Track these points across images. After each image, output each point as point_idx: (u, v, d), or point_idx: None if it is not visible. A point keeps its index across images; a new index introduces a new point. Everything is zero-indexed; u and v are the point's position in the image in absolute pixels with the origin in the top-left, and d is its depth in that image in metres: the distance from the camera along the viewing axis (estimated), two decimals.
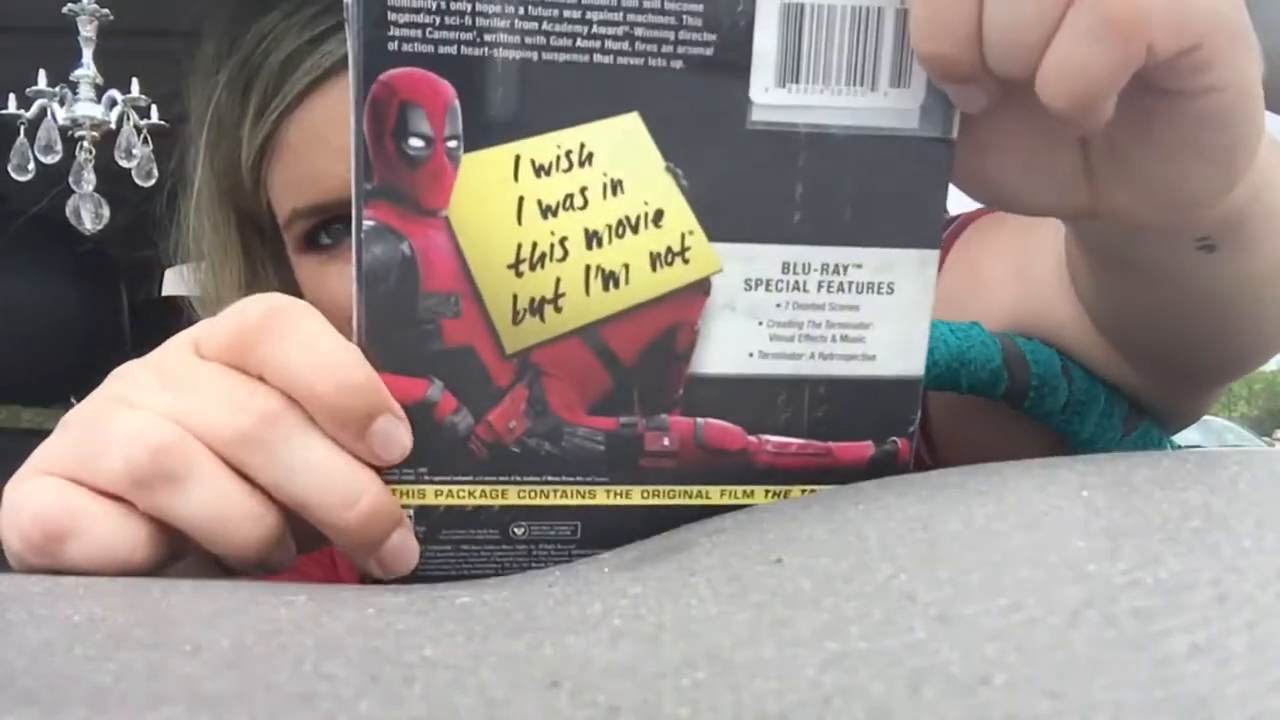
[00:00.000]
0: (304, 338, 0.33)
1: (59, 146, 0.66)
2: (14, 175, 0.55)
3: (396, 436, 0.34)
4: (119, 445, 0.32)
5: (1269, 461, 0.31)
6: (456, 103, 0.33)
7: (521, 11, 0.33)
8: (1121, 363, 0.55)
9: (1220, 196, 0.36)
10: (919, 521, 0.28)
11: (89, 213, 0.56)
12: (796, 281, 0.36)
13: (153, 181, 0.66)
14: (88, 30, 0.54)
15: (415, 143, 0.33)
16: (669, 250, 0.35)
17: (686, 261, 0.35)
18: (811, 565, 0.26)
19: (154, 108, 0.70)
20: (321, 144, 0.59)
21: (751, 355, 0.37)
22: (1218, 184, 0.36)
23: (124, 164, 0.70)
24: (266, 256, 0.66)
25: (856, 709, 0.19)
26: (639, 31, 0.33)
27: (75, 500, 0.32)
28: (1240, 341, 0.51)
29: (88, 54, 0.55)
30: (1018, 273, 0.58)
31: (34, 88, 0.67)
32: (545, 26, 0.33)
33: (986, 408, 0.58)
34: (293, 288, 0.65)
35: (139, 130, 0.68)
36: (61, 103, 0.66)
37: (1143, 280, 0.46)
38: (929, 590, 0.24)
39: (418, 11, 0.32)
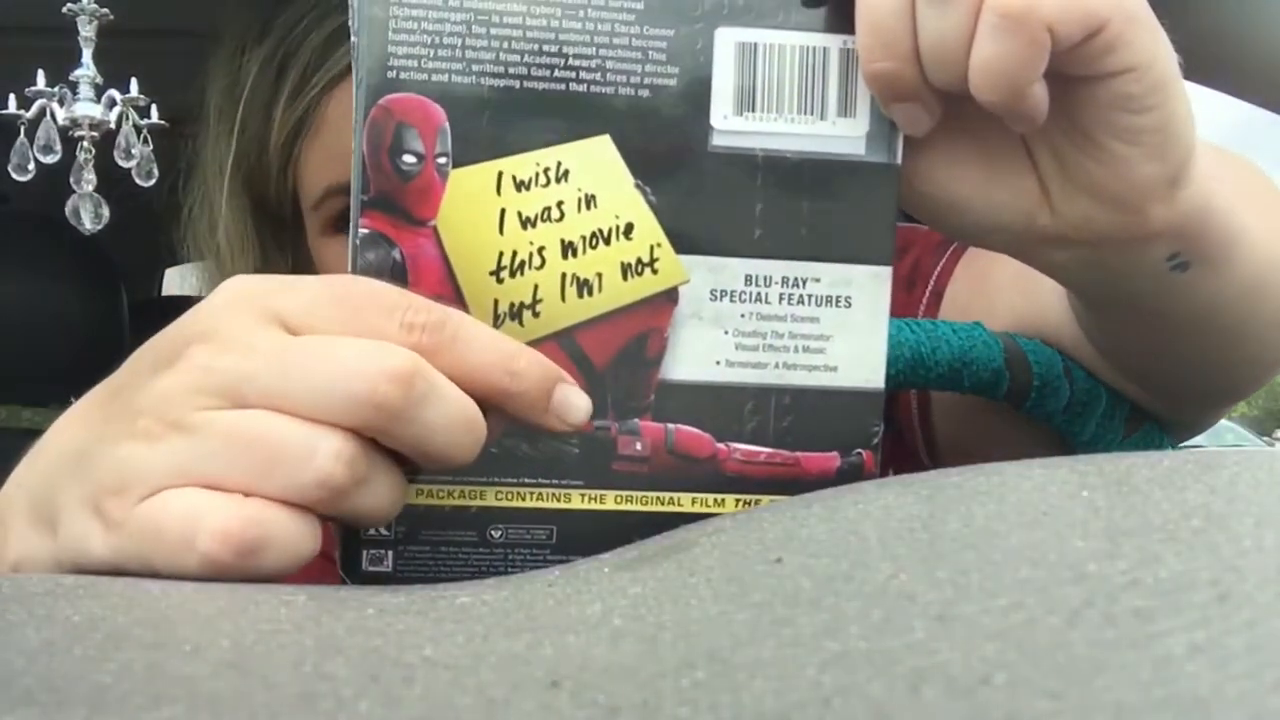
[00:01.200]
0: (462, 339, 0.33)
1: (59, 146, 0.66)
2: (14, 175, 0.55)
3: (574, 401, 0.35)
4: (359, 380, 0.30)
5: (1269, 461, 0.31)
6: (446, 124, 0.36)
7: (505, 46, 0.36)
8: (1124, 381, 0.56)
9: (1166, 187, 0.39)
10: (919, 521, 0.28)
11: (88, 213, 0.56)
12: (759, 293, 0.39)
13: (153, 181, 0.66)
14: (87, 30, 0.54)
15: (408, 159, 0.36)
16: (639, 261, 0.38)
17: (655, 272, 0.38)
18: (811, 565, 0.26)
19: (154, 107, 0.70)
20: None
21: (718, 363, 0.39)
22: (1158, 171, 0.38)
23: (124, 164, 0.70)
24: (285, 244, 0.66)
25: (856, 709, 0.19)
26: (610, 64, 0.37)
27: (255, 512, 0.31)
28: (1231, 363, 0.52)
29: (88, 54, 0.55)
30: (1024, 291, 0.59)
31: (34, 88, 0.67)
32: (526, 59, 0.36)
33: (988, 408, 0.58)
34: (309, 273, 0.64)
35: (139, 130, 0.68)
36: (61, 103, 0.66)
37: (1128, 314, 0.48)
38: (929, 590, 0.24)
39: (414, 45, 0.36)
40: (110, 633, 0.25)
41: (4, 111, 0.55)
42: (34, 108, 0.54)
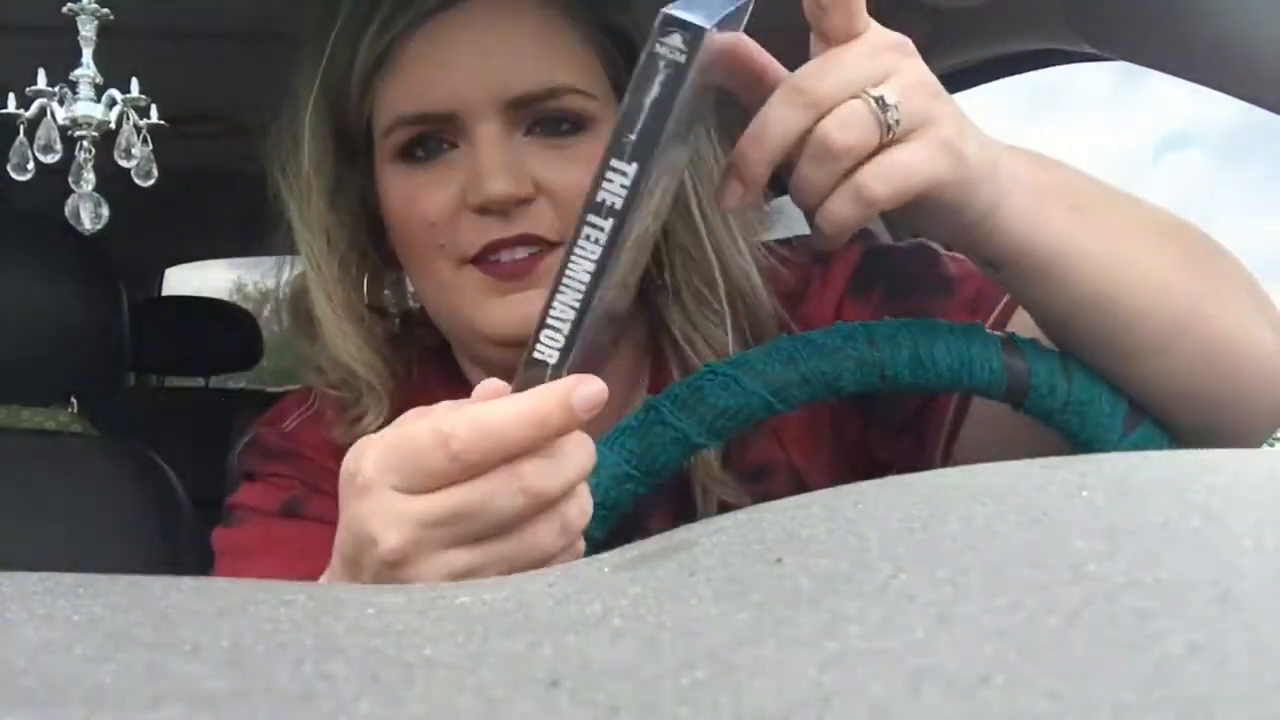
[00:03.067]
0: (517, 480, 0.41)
1: (59, 146, 0.66)
2: (13, 174, 0.55)
3: (588, 394, 0.42)
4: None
5: (1269, 461, 0.31)
6: None
7: None
8: None
9: (947, 175, 0.49)
10: (919, 521, 0.28)
11: (88, 212, 0.56)
12: None
13: (151, 181, 0.66)
14: (87, 30, 0.54)
15: None
16: None
17: None
18: (811, 565, 0.26)
19: (154, 107, 0.70)
20: (439, 60, 0.64)
21: None
22: (942, 164, 0.48)
23: (124, 164, 0.70)
24: (358, 167, 0.71)
25: (856, 709, 0.19)
26: None
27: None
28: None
29: (87, 54, 0.55)
30: None
31: (33, 87, 0.67)
32: None
33: (1027, 422, 0.59)
34: (370, 201, 0.70)
35: (139, 130, 0.68)
36: (61, 102, 0.66)
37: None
38: (929, 590, 0.24)
39: None
40: (110, 633, 0.25)
41: (3, 111, 0.55)
42: (34, 107, 0.54)
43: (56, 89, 0.60)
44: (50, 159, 0.59)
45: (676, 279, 0.71)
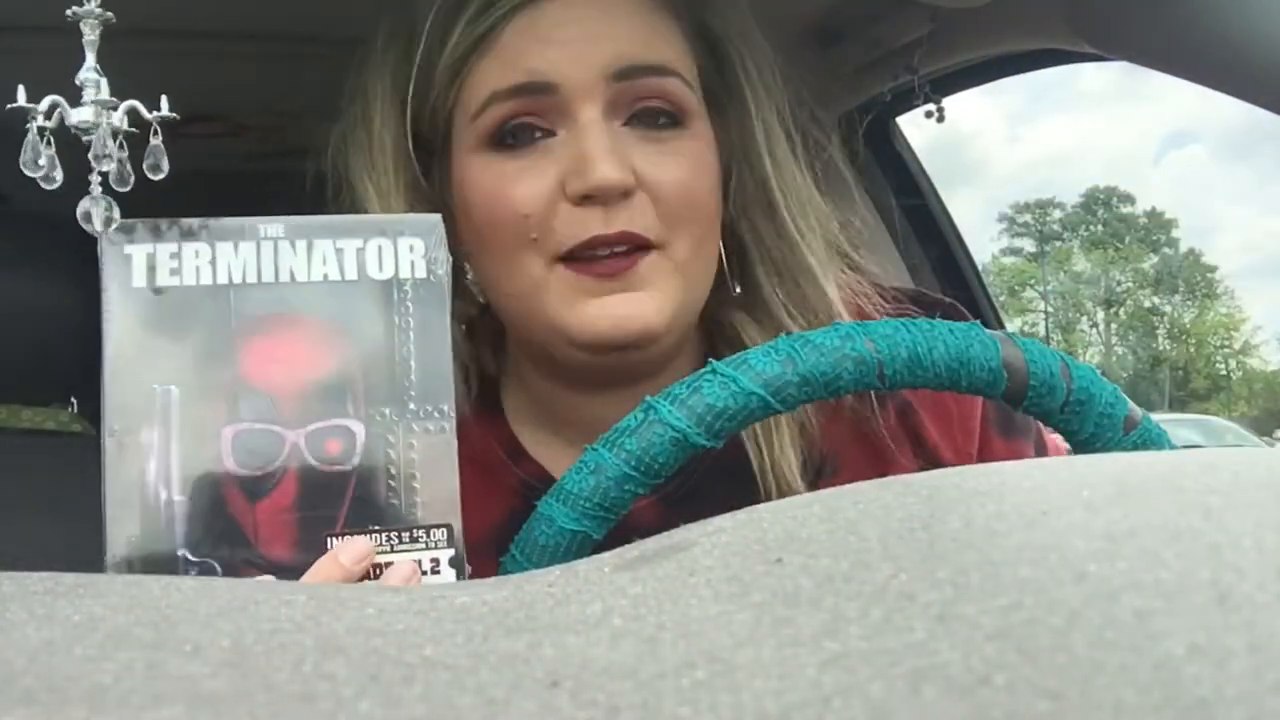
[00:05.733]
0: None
1: (43, 161, 0.65)
2: (26, 171, 0.55)
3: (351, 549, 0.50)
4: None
5: (1269, 461, 0.31)
6: None
7: None
8: None
9: None
10: (919, 521, 0.28)
11: (99, 215, 0.56)
12: None
13: (162, 175, 0.66)
14: (91, 35, 0.54)
15: None
16: None
17: None
18: (811, 565, 0.26)
19: (165, 99, 0.70)
20: (542, 36, 0.63)
21: None
22: None
23: (115, 162, 0.70)
24: (431, 167, 0.70)
25: (856, 709, 0.19)
26: None
27: None
28: None
29: (91, 57, 0.55)
30: None
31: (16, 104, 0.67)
32: None
33: None
34: (449, 198, 0.68)
35: (115, 135, 0.68)
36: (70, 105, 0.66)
37: None
38: (929, 590, 0.24)
39: None
40: (110, 633, 0.25)
41: (15, 105, 0.55)
42: (45, 102, 0.53)
43: (43, 104, 0.60)
44: (45, 165, 0.59)
45: (756, 292, 0.70)
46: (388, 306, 0.50)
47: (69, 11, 0.54)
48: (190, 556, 0.47)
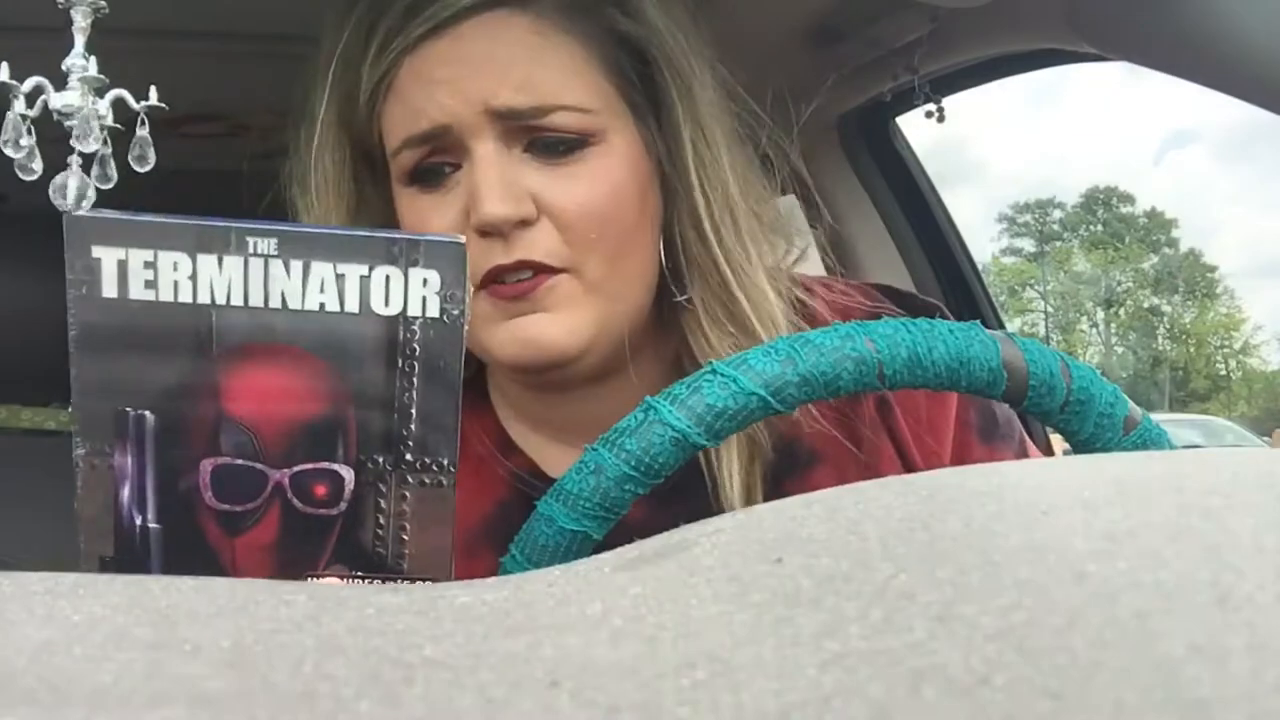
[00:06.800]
0: None
1: (25, 142, 0.65)
2: (6, 151, 0.55)
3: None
4: None
5: (1269, 461, 0.31)
6: None
7: None
8: None
9: None
10: (919, 521, 0.28)
11: (74, 189, 0.56)
12: None
13: (149, 167, 0.66)
14: (82, 22, 0.54)
15: None
16: None
17: None
18: (811, 565, 0.26)
19: (153, 90, 0.70)
20: (431, 79, 0.64)
21: None
22: None
23: (99, 150, 0.69)
24: (376, 186, 0.71)
25: (856, 709, 0.19)
26: None
27: None
28: None
29: (80, 42, 0.55)
30: None
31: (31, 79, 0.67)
32: None
33: None
34: (393, 220, 0.69)
35: (104, 127, 0.68)
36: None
37: None
38: (929, 590, 0.24)
39: None
40: (110, 633, 0.25)
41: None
42: (29, 83, 0.53)
43: (25, 85, 0.59)
44: (19, 154, 0.58)
45: (694, 296, 0.70)
46: (391, 346, 0.44)
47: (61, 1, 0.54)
48: None
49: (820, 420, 0.70)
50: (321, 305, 0.43)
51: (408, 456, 0.44)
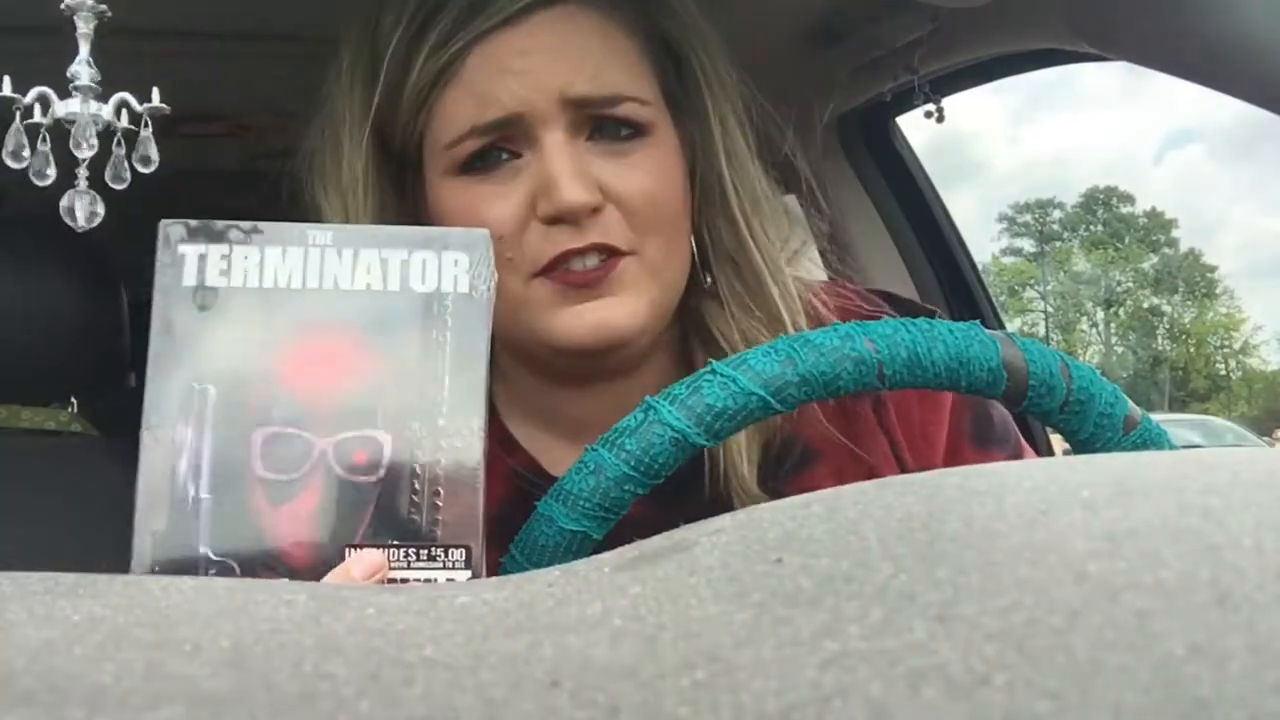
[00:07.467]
0: None
1: (27, 154, 0.65)
2: (8, 162, 0.55)
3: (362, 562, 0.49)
4: None
5: (1269, 461, 0.31)
6: None
7: None
8: None
9: None
10: (919, 521, 0.28)
11: (83, 210, 0.56)
12: None
13: (153, 167, 0.66)
14: (85, 28, 0.54)
15: None
16: None
17: None
18: (811, 565, 0.26)
19: (155, 91, 0.70)
20: (503, 69, 0.66)
21: None
22: None
23: (93, 151, 0.69)
24: (405, 187, 0.72)
25: (856, 709, 0.19)
26: None
27: None
28: None
29: (85, 49, 0.55)
30: None
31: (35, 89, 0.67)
32: None
33: None
34: (423, 216, 0.71)
35: (112, 133, 0.68)
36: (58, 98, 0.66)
37: None
38: (929, 590, 0.24)
39: None
40: (110, 633, 0.25)
41: (1, 95, 0.55)
42: (32, 94, 0.53)
43: (29, 96, 0.59)
44: (28, 158, 0.58)
45: (721, 285, 0.72)
46: (427, 319, 0.50)
47: (63, 4, 0.54)
48: (211, 555, 0.47)
49: (820, 420, 0.71)
50: (368, 285, 0.50)
51: (440, 421, 0.49)
